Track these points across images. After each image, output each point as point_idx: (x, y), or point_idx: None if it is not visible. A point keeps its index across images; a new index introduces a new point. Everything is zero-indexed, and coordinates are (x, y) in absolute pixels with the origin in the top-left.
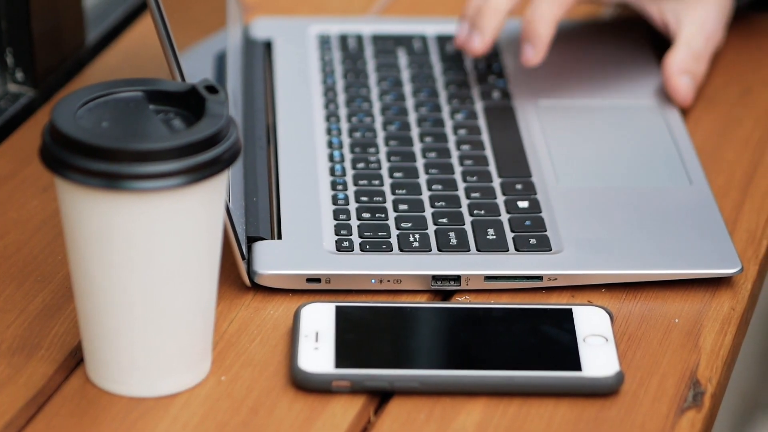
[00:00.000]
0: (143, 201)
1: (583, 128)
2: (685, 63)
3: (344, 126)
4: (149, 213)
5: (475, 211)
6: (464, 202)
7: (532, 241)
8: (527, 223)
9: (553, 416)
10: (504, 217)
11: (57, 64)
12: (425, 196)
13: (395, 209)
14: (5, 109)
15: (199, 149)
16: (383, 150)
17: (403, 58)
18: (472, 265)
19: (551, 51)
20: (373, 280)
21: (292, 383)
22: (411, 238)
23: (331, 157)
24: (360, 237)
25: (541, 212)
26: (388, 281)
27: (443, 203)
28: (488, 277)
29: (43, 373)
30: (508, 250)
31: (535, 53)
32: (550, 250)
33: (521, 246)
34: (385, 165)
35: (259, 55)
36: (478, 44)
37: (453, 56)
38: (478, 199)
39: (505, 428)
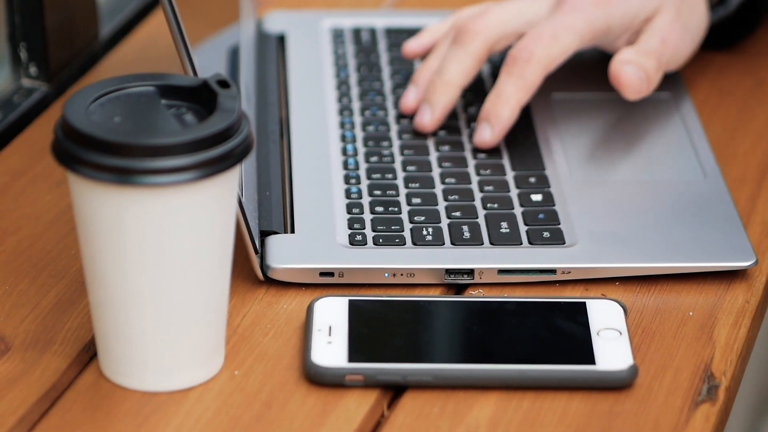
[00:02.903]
0: (155, 196)
1: (596, 121)
2: (631, 56)
3: (357, 119)
4: (161, 208)
5: (489, 205)
6: (477, 196)
7: (546, 234)
8: (541, 216)
9: (566, 410)
10: (517, 210)
11: (70, 59)
12: (438, 189)
13: (408, 203)
14: (19, 104)
15: (211, 144)
16: (396, 143)
17: None
18: (485, 259)
19: None
20: (386, 274)
21: (305, 377)
22: (424, 232)
23: (344, 151)
24: (373, 231)
25: (554, 205)
26: (402, 275)
27: (456, 197)
28: (501, 271)
29: (56, 367)
30: (521, 244)
31: (492, 136)
32: (564, 243)
33: (535, 239)
34: (398, 158)
35: (272, 49)
36: (428, 121)
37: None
38: (492, 192)
39: (519, 422)
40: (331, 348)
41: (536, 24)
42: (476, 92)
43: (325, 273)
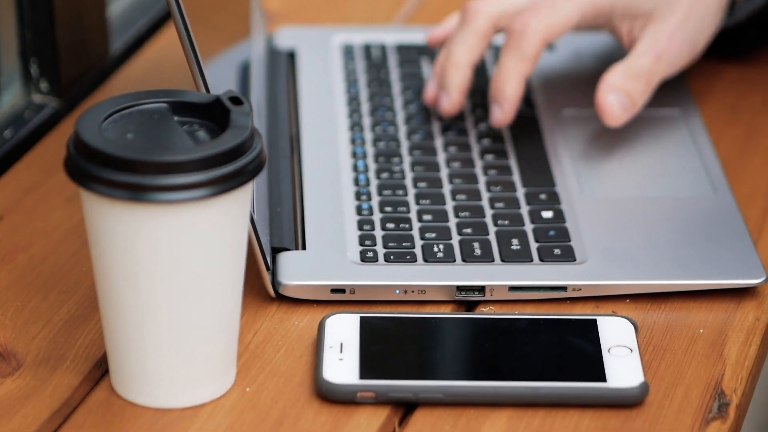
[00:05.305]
0: (168, 213)
1: (606, 138)
2: (618, 80)
3: (368, 136)
4: (174, 224)
5: (500, 221)
6: (488, 212)
7: (557, 251)
8: (551, 233)
9: (577, 427)
10: (528, 227)
11: (81, 75)
12: (449, 206)
13: (419, 219)
14: (30, 120)
15: (224, 161)
16: (407, 160)
17: (426, 68)
18: (496, 276)
19: (574, 62)
20: (397, 291)
21: (316, 394)
22: (435, 249)
23: (355, 167)
24: (384, 247)
25: (565, 222)
26: (413, 292)
27: (467, 213)
28: (512, 288)
29: (68, 384)
30: (532, 261)
31: (503, 115)
32: (575, 260)
33: (545, 256)
34: (409, 175)
35: (283, 65)
36: (446, 105)
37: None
38: (503, 209)
39: None
40: (342, 365)
41: None
42: (485, 108)
43: (336, 290)
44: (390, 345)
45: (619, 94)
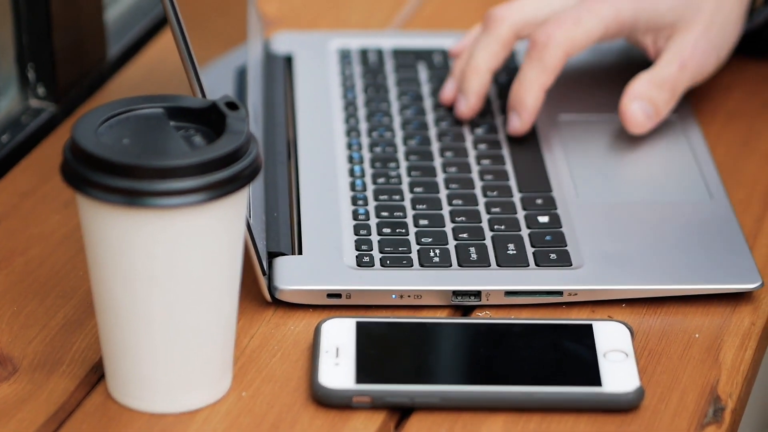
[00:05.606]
0: (164, 218)
1: (603, 143)
2: (642, 89)
3: (365, 141)
4: (170, 229)
5: (496, 226)
6: (484, 217)
7: (553, 256)
8: (547, 238)
9: None
10: (524, 232)
11: (78, 79)
12: (445, 211)
13: (416, 224)
14: (27, 125)
15: (220, 166)
16: (403, 165)
17: (423, 73)
18: (492, 281)
19: (571, 67)
20: (393, 296)
21: (312, 399)
22: (431, 254)
23: (351, 172)
24: (380, 252)
25: (561, 227)
26: (409, 296)
27: (464, 218)
28: (508, 293)
29: (64, 388)
30: (528, 265)
31: (521, 123)
32: (571, 265)
33: (541, 261)
34: (406, 180)
35: (280, 70)
36: (464, 109)
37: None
38: (499, 214)
39: None
40: (338, 370)
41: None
42: (483, 113)
43: (332, 294)
44: (386, 350)
45: (643, 102)
